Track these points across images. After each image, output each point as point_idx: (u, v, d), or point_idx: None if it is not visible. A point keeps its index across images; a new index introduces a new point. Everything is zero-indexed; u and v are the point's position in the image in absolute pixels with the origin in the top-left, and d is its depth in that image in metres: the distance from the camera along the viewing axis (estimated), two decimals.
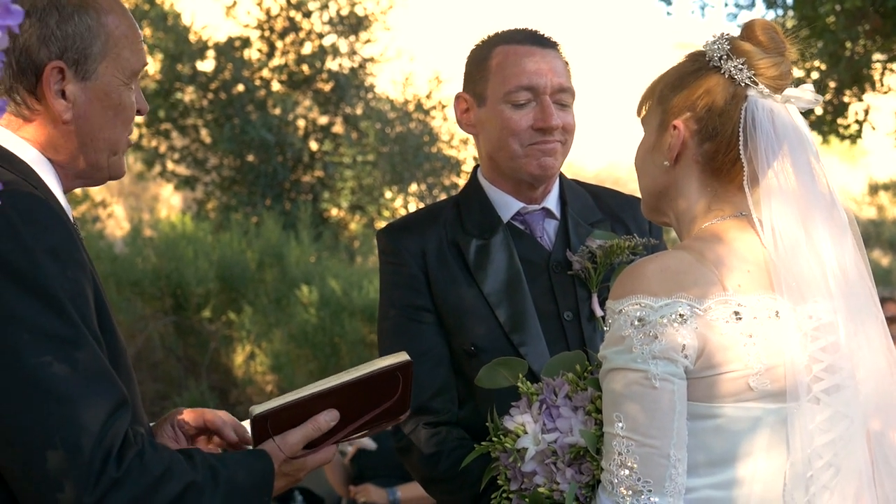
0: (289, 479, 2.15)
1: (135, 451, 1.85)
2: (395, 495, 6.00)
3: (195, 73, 13.25)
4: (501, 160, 2.78)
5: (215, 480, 1.95)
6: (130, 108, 2.13)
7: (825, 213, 2.10)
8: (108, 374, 1.86)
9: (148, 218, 14.23)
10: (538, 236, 2.82)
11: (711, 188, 2.15)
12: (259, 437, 2.14)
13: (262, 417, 2.10)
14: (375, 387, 2.18)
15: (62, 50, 2.03)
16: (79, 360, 1.82)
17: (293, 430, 2.12)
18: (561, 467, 2.11)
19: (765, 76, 2.11)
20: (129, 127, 2.15)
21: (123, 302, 9.82)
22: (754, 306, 2.01)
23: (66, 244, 1.88)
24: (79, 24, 2.05)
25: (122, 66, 2.10)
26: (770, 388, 2.00)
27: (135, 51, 2.13)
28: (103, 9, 2.09)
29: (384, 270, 2.85)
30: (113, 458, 1.81)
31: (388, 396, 2.20)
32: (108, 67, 2.08)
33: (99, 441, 1.79)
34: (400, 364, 2.18)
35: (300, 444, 2.12)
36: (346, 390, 2.14)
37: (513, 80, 2.72)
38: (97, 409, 1.81)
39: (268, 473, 2.07)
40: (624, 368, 1.98)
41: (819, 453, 2.02)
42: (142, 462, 1.85)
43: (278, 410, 2.10)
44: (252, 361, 9.66)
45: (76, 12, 2.05)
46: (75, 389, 1.80)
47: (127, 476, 1.82)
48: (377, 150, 13.27)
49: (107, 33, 2.08)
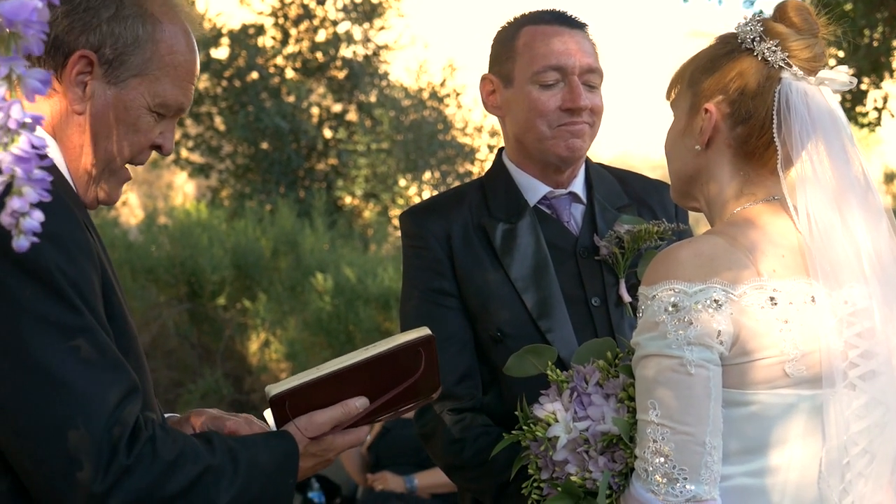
0: (317, 460, 2.11)
1: (145, 437, 1.82)
2: (412, 483, 5.99)
3: (209, 61, 13.22)
4: (529, 142, 2.74)
5: (234, 463, 1.93)
6: (144, 135, 2.07)
7: (860, 198, 2.07)
8: (116, 360, 1.83)
9: (162, 206, 14.23)
10: (565, 221, 2.79)
11: (744, 172, 2.12)
12: (280, 419, 2.10)
13: (281, 398, 2.06)
14: (397, 363, 2.13)
15: (100, 44, 1.99)
16: (85, 348, 1.79)
17: (321, 410, 2.08)
18: (593, 455, 2.09)
19: (798, 58, 2.08)
20: (135, 153, 2.08)
21: (138, 289, 9.83)
22: (790, 291, 1.98)
23: (70, 229, 1.84)
24: (129, 28, 2.01)
25: (155, 92, 2.04)
26: (805, 374, 1.97)
27: (177, 85, 2.07)
28: (165, 31, 2.05)
29: (407, 254, 2.81)
30: (123, 445, 1.78)
31: (412, 373, 2.14)
32: (140, 84, 2.02)
33: (108, 428, 1.77)
34: (421, 339, 2.13)
35: (327, 425, 2.08)
36: (366, 368, 2.09)
37: (541, 61, 2.69)
38: (105, 396, 1.79)
39: (291, 454, 2.03)
40: (658, 355, 1.96)
41: (855, 440, 2.00)
42: (153, 448, 1.82)
43: (297, 390, 2.06)
44: (266, 349, 9.66)
45: (132, 17, 2.02)
46: (82, 377, 1.77)
47: (138, 463, 1.79)
48: (391, 138, 13.25)
49: (155, 52, 2.03)
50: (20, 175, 1.28)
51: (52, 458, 1.76)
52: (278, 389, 2.06)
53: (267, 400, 2.08)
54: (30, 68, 1.27)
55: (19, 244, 1.30)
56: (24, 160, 1.27)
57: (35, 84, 1.28)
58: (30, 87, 1.28)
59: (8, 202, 1.28)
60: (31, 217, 1.30)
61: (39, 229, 1.30)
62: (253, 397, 9.48)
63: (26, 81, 1.28)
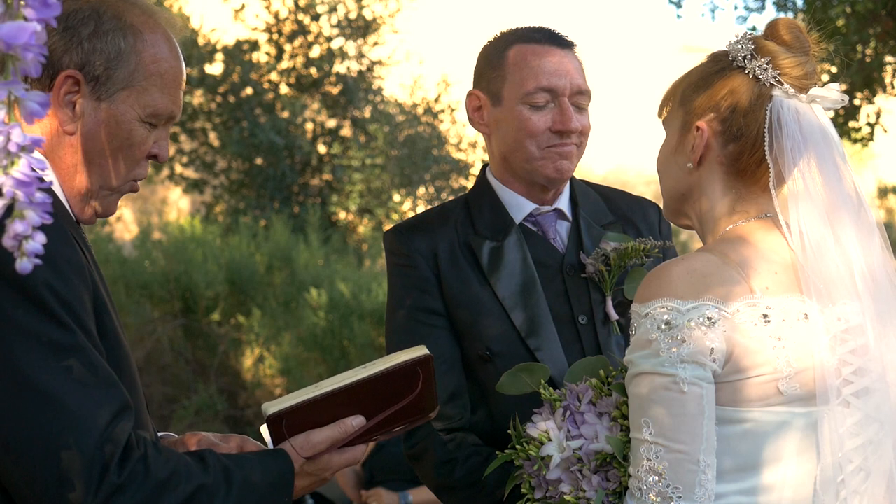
0: (313, 479, 2.10)
1: (138, 455, 1.82)
2: (406, 499, 5.97)
3: (204, 77, 13.24)
4: (516, 161, 2.73)
5: (228, 482, 1.92)
6: (139, 147, 2.06)
7: (852, 214, 2.06)
8: (108, 378, 1.83)
9: (157, 221, 14.21)
10: (551, 238, 2.78)
11: (735, 190, 2.12)
12: (277, 437, 2.09)
13: (278, 417, 2.05)
14: (394, 383, 2.12)
15: (84, 62, 1.99)
16: (77, 366, 1.79)
17: (318, 430, 2.07)
18: (587, 474, 2.08)
19: (790, 76, 2.08)
20: (131, 167, 2.08)
21: (132, 305, 9.81)
22: (783, 309, 1.98)
23: (61, 249, 1.84)
24: (110, 42, 2.01)
25: (145, 103, 2.04)
26: (799, 391, 1.96)
27: (166, 93, 2.07)
28: (146, 40, 2.05)
29: (393, 272, 2.78)
30: (115, 463, 1.78)
31: (408, 392, 2.14)
32: (128, 96, 2.03)
33: (100, 446, 1.77)
34: (419, 358, 2.13)
35: (324, 444, 2.07)
36: (363, 387, 2.08)
37: (532, 81, 2.67)
38: (97, 414, 1.79)
39: (286, 473, 2.02)
40: (651, 373, 1.95)
41: (849, 457, 1.99)
42: (146, 467, 1.82)
43: (294, 409, 2.05)
44: (261, 364, 9.64)
45: (112, 31, 2.02)
46: (74, 395, 1.77)
47: (130, 481, 1.79)
48: (385, 153, 13.26)
49: (139, 63, 2.03)
50: (22, 198, 1.28)
51: (44, 475, 1.75)
52: (275, 408, 2.05)
53: (264, 418, 2.07)
54: (28, 91, 1.28)
55: (22, 266, 1.30)
56: (25, 184, 1.28)
57: (34, 107, 1.29)
58: (29, 110, 1.29)
59: (10, 225, 1.28)
60: (33, 240, 1.30)
61: (42, 251, 1.30)
62: (247, 413, 9.45)
63: (25, 104, 1.28)
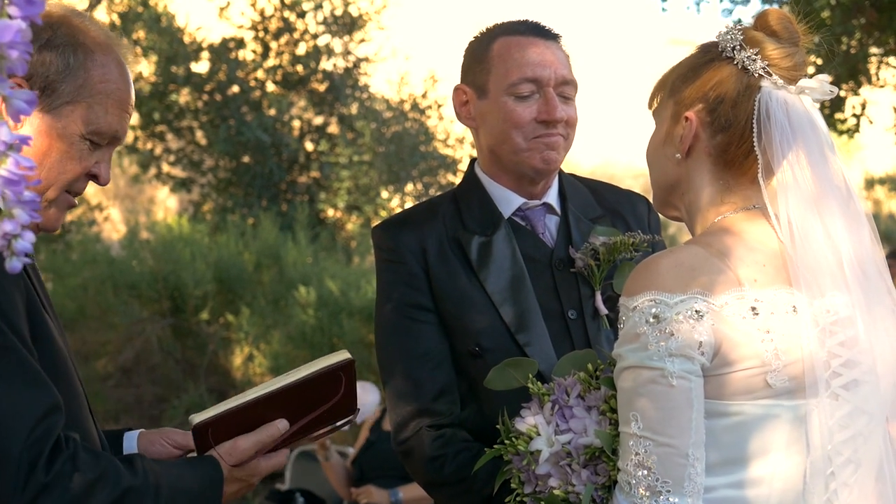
0: (242, 485, 2.13)
1: (65, 455, 1.83)
2: (397, 496, 5.96)
3: (190, 75, 13.21)
4: (503, 153, 2.72)
5: (157, 486, 1.93)
6: (79, 163, 2.06)
7: (841, 205, 2.06)
8: (38, 380, 1.83)
9: (144, 220, 14.21)
10: (540, 232, 2.76)
11: (724, 181, 2.11)
12: (201, 447, 2.11)
13: (204, 426, 2.07)
14: (318, 388, 2.15)
15: (31, 73, 1.99)
16: (5, 366, 1.80)
17: (244, 435, 2.10)
18: (576, 469, 2.07)
19: (779, 67, 2.07)
20: (72, 182, 2.07)
21: (121, 305, 9.80)
22: (771, 301, 1.97)
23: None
24: (60, 56, 2.02)
25: (89, 119, 2.05)
26: (788, 384, 1.95)
27: (110, 113, 2.08)
28: (96, 60, 2.06)
29: (382, 268, 2.77)
30: (42, 463, 1.79)
31: (331, 396, 2.18)
32: (72, 111, 2.03)
33: (27, 446, 1.78)
34: (342, 363, 2.16)
35: (251, 450, 2.10)
36: (287, 393, 2.12)
37: (516, 72, 2.66)
38: (24, 414, 1.79)
39: (215, 479, 2.05)
40: (639, 366, 1.94)
41: (839, 450, 1.98)
42: (74, 467, 1.83)
43: (220, 418, 2.08)
44: (251, 363, 9.63)
45: (63, 46, 2.03)
46: (2, 395, 1.78)
47: (57, 481, 1.80)
48: (373, 150, 13.25)
49: (87, 80, 2.04)
50: (10, 197, 1.28)
51: None
52: (201, 418, 2.07)
53: (191, 430, 2.07)
54: (14, 89, 1.27)
55: (12, 266, 1.30)
56: (13, 182, 1.27)
57: (21, 105, 1.28)
58: (16, 108, 1.28)
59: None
60: (22, 238, 1.30)
61: (31, 250, 1.30)
62: None
63: (12, 102, 1.28)
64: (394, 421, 2.69)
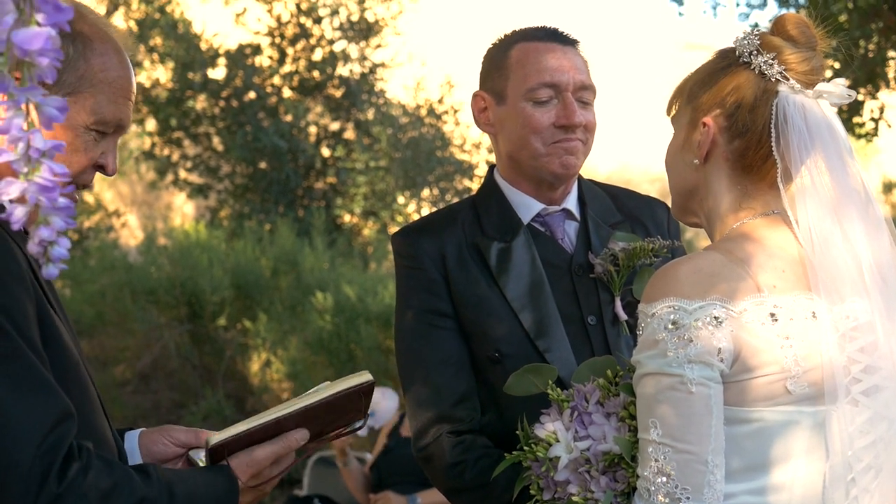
0: (256, 493, 2.12)
1: (78, 466, 1.79)
2: (415, 502, 5.96)
3: (206, 81, 13.24)
4: (523, 159, 2.72)
5: (171, 496, 1.90)
6: (85, 154, 2.04)
7: (860, 210, 2.05)
8: (48, 386, 1.80)
9: (161, 227, 14.24)
10: (559, 238, 2.76)
11: (742, 186, 2.11)
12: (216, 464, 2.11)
13: (220, 446, 2.06)
14: (337, 407, 2.16)
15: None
16: (15, 373, 1.77)
17: (261, 445, 2.09)
18: (595, 475, 2.07)
19: (796, 71, 2.07)
20: (75, 171, 2.05)
21: (138, 311, 9.83)
22: (790, 307, 1.97)
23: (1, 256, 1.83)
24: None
25: (92, 110, 2.02)
26: (808, 390, 1.95)
27: (113, 102, 2.05)
28: (94, 48, 2.04)
29: (401, 274, 2.78)
30: (54, 473, 1.75)
31: (350, 414, 2.20)
32: (75, 102, 2.00)
33: (39, 455, 1.74)
34: (363, 386, 2.16)
35: (268, 460, 2.09)
36: (307, 413, 2.11)
37: (534, 77, 2.67)
38: (36, 422, 1.75)
39: (231, 490, 2.03)
40: (658, 373, 1.94)
41: (859, 456, 1.97)
42: (86, 477, 1.79)
43: (237, 438, 2.07)
44: (268, 369, 9.64)
45: (62, 38, 2.00)
46: (12, 402, 1.75)
47: (69, 492, 1.76)
48: (389, 156, 13.25)
49: (87, 69, 2.02)
50: (45, 204, 1.28)
51: None
52: (217, 438, 2.06)
53: (206, 450, 2.07)
54: (46, 96, 1.26)
55: (49, 272, 1.30)
56: (48, 189, 1.27)
57: (52, 112, 1.28)
58: (48, 115, 1.28)
59: (35, 232, 1.28)
60: (58, 245, 1.30)
61: (67, 256, 1.30)
62: None
63: (44, 109, 1.27)
64: (414, 427, 2.70)
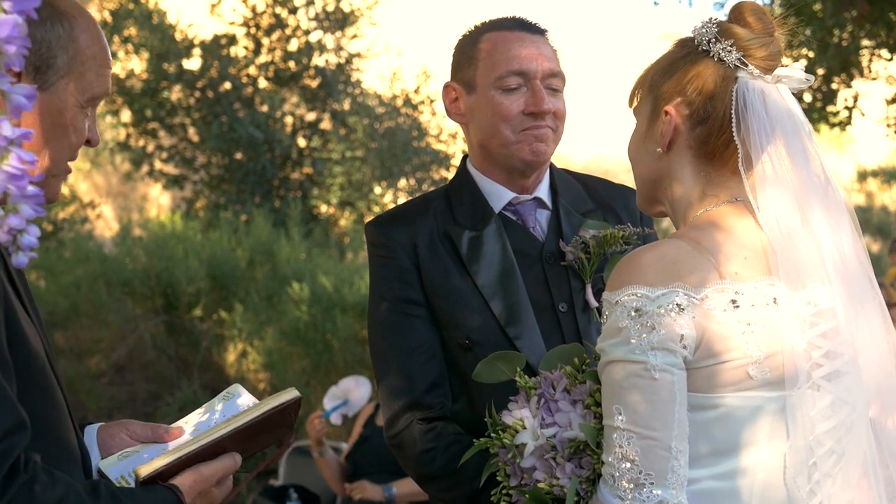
0: None
1: (22, 480, 1.72)
2: (390, 491, 5.98)
3: (182, 72, 13.20)
4: (493, 147, 2.74)
5: None
6: (79, 134, 2.03)
7: (821, 196, 2.07)
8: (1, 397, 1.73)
9: (137, 218, 14.19)
10: (530, 227, 2.78)
11: (705, 173, 2.13)
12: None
13: (151, 479, 2.01)
14: (269, 424, 2.16)
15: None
16: None
17: (207, 463, 2.06)
18: (561, 462, 2.09)
19: (754, 57, 2.09)
20: (73, 153, 2.05)
21: (114, 303, 9.80)
22: (752, 294, 1.99)
23: None
24: (50, 31, 1.96)
25: (84, 88, 2.01)
26: (770, 376, 1.97)
27: (100, 75, 2.04)
28: (79, 24, 2.01)
29: (374, 263, 2.80)
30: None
31: (279, 430, 2.20)
32: (68, 83, 1.99)
33: None
34: (290, 401, 2.17)
35: (215, 476, 2.07)
36: (236, 435, 2.11)
37: (503, 66, 2.69)
38: None
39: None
40: (622, 360, 1.95)
41: (820, 440, 1.99)
42: (31, 492, 1.73)
43: (169, 467, 2.03)
44: (244, 360, 9.63)
45: (50, 19, 1.96)
46: None
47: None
48: (366, 146, 13.25)
49: (76, 49, 2.00)
50: (14, 192, 1.28)
51: None
52: (148, 470, 2.01)
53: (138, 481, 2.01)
54: (14, 84, 1.26)
55: (18, 261, 1.30)
56: (16, 177, 1.27)
57: (20, 100, 1.28)
58: (15, 103, 1.27)
59: (4, 220, 1.28)
60: (28, 233, 1.30)
61: (37, 244, 1.30)
62: None
63: (11, 97, 1.27)
64: (386, 414, 2.72)
